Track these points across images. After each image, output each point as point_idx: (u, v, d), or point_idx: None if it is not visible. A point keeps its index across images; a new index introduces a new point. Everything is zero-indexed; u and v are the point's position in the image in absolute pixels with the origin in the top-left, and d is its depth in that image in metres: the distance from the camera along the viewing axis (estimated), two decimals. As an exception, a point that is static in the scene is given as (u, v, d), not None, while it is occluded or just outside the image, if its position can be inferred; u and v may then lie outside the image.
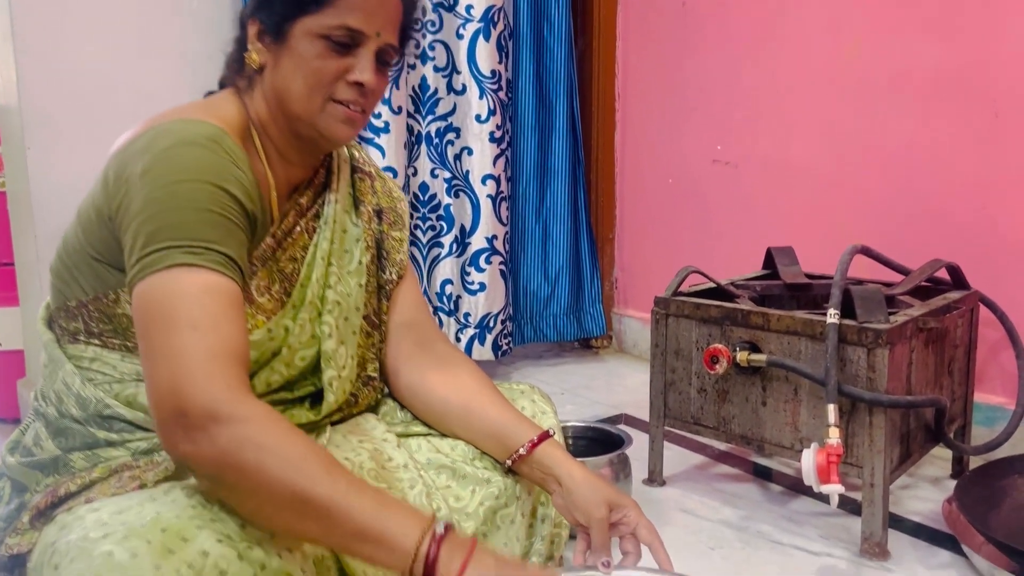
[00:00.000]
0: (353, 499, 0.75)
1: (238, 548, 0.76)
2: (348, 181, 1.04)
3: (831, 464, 1.23)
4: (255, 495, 0.74)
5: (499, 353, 2.23)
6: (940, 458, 1.67)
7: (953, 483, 1.57)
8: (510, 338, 2.29)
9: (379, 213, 1.07)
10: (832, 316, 1.32)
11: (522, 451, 0.99)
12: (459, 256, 2.19)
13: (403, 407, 1.09)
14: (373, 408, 1.09)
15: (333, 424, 1.02)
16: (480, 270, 2.18)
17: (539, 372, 2.35)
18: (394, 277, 1.07)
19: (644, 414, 1.62)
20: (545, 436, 1.00)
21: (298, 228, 0.97)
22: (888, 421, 1.30)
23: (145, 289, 0.78)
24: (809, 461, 1.24)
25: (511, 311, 2.29)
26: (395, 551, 0.75)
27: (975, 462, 1.59)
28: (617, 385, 2.26)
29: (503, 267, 2.22)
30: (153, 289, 0.78)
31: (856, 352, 1.31)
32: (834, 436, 1.26)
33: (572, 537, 1.03)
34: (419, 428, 1.07)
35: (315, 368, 0.98)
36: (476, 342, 2.19)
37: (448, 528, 0.76)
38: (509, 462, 1.00)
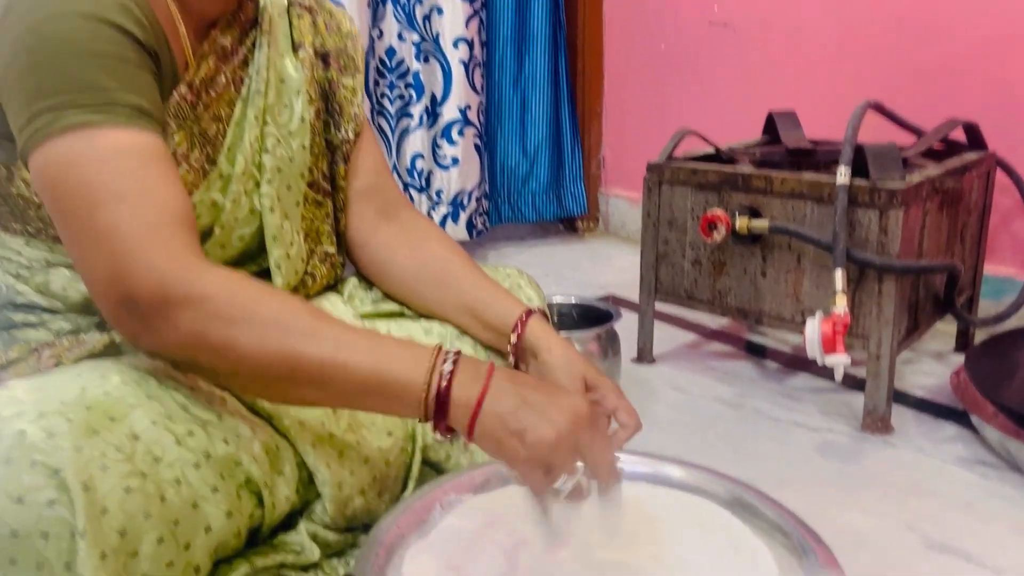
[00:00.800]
0: (344, 352, 0.65)
1: (176, 432, 0.66)
2: (283, 16, 0.86)
3: (837, 334, 1.14)
4: (237, 373, 0.66)
5: (474, 233, 2.10)
6: (943, 332, 1.59)
7: (957, 358, 1.50)
8: (486, 217, 2.15)
9: (324, 57, 0.89)
10: (842, 175, 1.19)
11: (513, 339, 0.87)
12: (430, 128, 2.02)
13: (370, 285, 0.96)
14: (334, 286, 0.96)
15: None
16: (452, 143, 2.02)
17: (520, 254, 2.23)
18: (350, 136, 0.91)
19: (632, 295, 1.51)
20: (530, 314, 0.89)
21: (222, 78, 0.79)
22: (898, 289, 1.20)
23: (43, 160, 0.64)
24: (814, 331, 1.15)
25: (487, 188, 2.15)
26: (402, 398, 0.66)
27: (979, 337, 1.51)
28: (604, 266, 2.15)
29: (478, 140, 2.06)
30: (54, 160, 0.64)
31: (867, 214, 1.20)
32: (841, 304, 1.16)
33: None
34: (390, 307, 0.95)
35: (259, 248, 0.84)
36: (449, 220, 2.05)
37: (457, 361, 0.66)
38: (512, 359, 0.88)
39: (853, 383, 1.39)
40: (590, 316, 1.37)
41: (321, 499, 0.79)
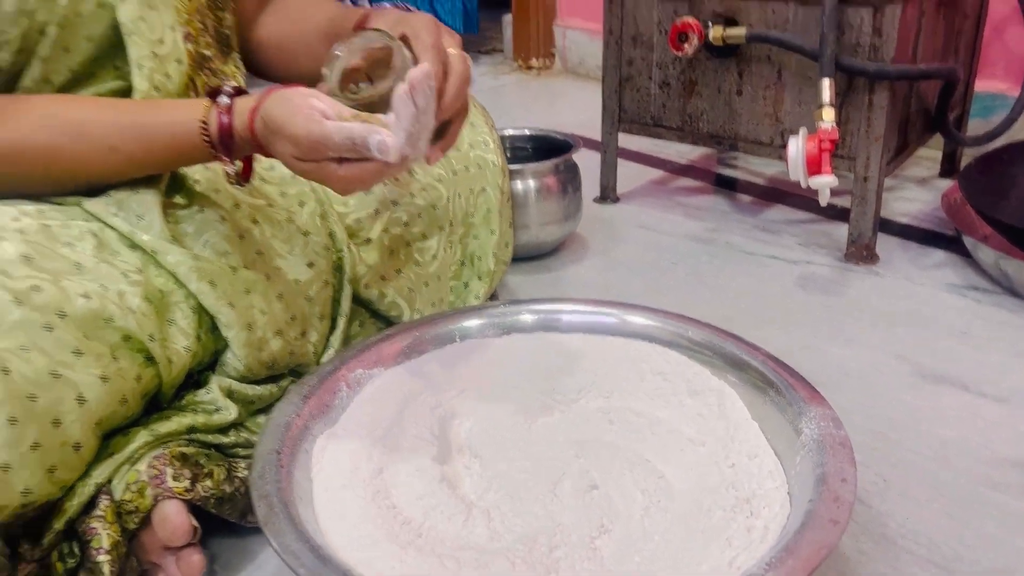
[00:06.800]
0: (109, 114, 0.62)
1: (14, 290, 0.55)
2: None
3: (824, 152, 1.01)
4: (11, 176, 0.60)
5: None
6: (926, 158, 1.48)
7: (942, 183, 1.39)
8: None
9: None
10: (832, -32, 1.03)
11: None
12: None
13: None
14: None
15: None
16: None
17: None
18: None
19: (595, 134, 1.36)
20: (366, 20, 0.69)
21: None
22: (890, 101, 1.07)
23: None
24: (797, 150, 1.02)
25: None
26: (185, 139, 0.62)
27: (966, 160, 1.40)
28: (562, 106, 1.98)
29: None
30: None
31: (858, 14, 1.05)
32: (828, 118, 1.02)
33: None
34: None
35: (120, 49, 0.67)
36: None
37: (236, 92, 0.62)
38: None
39: (834, 213, 1.28)
40: (546, 148, 1.23)
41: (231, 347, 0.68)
